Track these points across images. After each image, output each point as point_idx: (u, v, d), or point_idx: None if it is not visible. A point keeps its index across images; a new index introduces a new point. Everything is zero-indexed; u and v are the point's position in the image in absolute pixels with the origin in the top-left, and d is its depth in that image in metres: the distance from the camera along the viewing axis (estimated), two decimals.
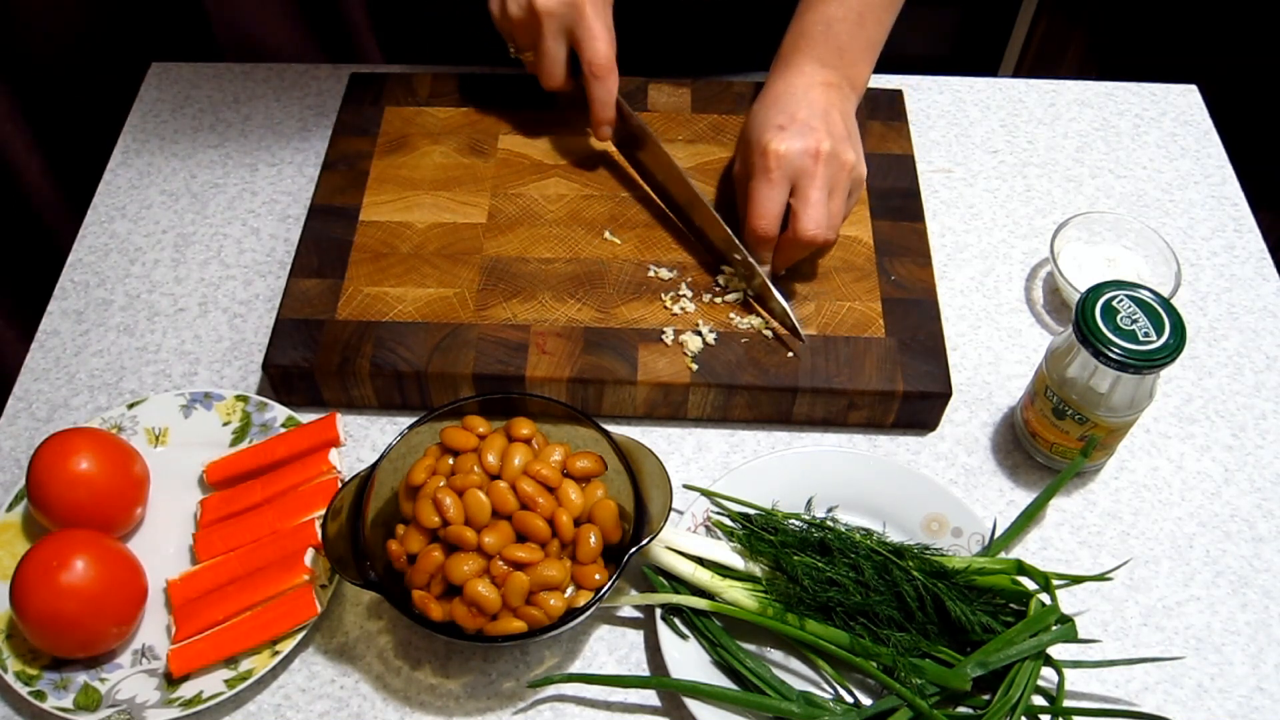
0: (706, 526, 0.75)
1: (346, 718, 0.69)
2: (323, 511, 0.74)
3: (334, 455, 0.77)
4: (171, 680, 0.69)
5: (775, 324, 0.81)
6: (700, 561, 0.71)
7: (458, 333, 0.81)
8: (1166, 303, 0.71)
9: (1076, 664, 0.70)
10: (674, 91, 0.97)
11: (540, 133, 0.94)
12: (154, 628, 0.72)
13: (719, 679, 0.69)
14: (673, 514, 0.74)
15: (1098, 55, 1.91)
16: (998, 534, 0.74)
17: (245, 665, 0.69)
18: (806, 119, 0.78)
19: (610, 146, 0.92)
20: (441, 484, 0.67)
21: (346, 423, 0.82)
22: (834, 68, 0.82)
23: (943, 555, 0.71)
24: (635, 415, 0.82)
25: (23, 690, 0.67)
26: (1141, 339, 0.69)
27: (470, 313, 0.82)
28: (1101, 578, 0.72)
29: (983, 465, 0.81)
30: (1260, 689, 0.71)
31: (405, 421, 0.80)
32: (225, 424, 0.80)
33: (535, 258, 0.85)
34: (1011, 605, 0.71)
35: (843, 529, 0.72)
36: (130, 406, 0.80)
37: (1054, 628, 0.68)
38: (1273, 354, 0.87)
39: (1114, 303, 0.71)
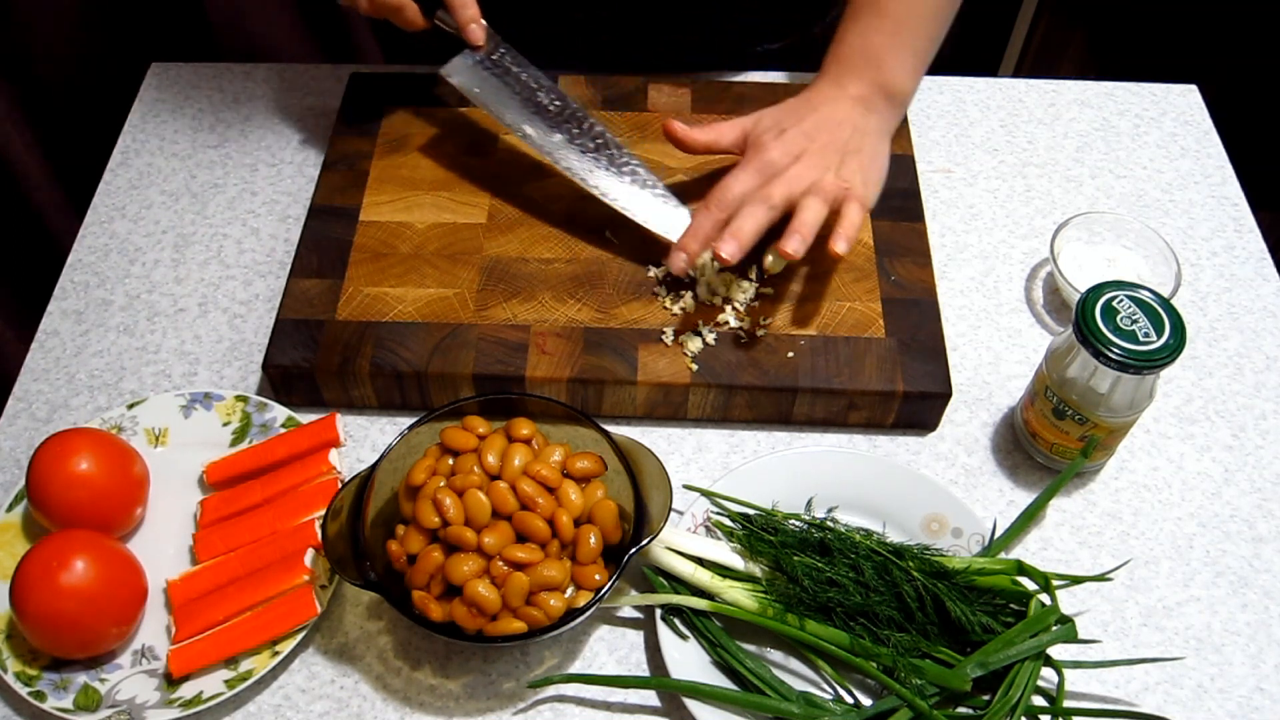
0: (706, 527, 0.75)
1: (346, 718, 0.69)
2: (323, 512, 0.74)
3: (334, 455, 0.77)
4: (171, 680, 0.69)
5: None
6: (700, 562, 0.71)
7: (458, 333, 0.81)
8: (1166, 303, 0.71)
9: (1076, 664, 0.70)
10: (674, 91, 0.97)
11: None
12: (154, 628, 0.72)
13: (719, 679, 0.69)
14: (673, 514, 0.74)
15: (1098, 55, 1.91)
16: (998, 534, 0.74)
17: (245, 665, 0.69)
18: (810, 130, 0.79)
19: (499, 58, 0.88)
20: (441, 484, 0.67)
21: (346, 423, 0.82)
22: (870, 80, 0.82)
23: (943, 555, 0.71)
24: (635, 415, 0.82)
25: (23, 690, 0.67)
26: (1141, 339, 0.69)
27: (470, 313, 0.82)
28: (1101, 578, 0.72)
29: (983, 465, 0.81)
30: (1260, 689, 0.71)
31: (405, 421, 0.80)
32: (225, 424, 0.80)
33: (535, 258, 0.85)
34: (1011, 605, 0.71)
35: (843, 529, 0.72)
36: (130, 407, 0.80)
37: (1054, 628, 0.69)
38: (1273, 354, 0.87)
39: (1114, 303, 0.71)
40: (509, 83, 0.86)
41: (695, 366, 0.79)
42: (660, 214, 0.84)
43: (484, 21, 0.85)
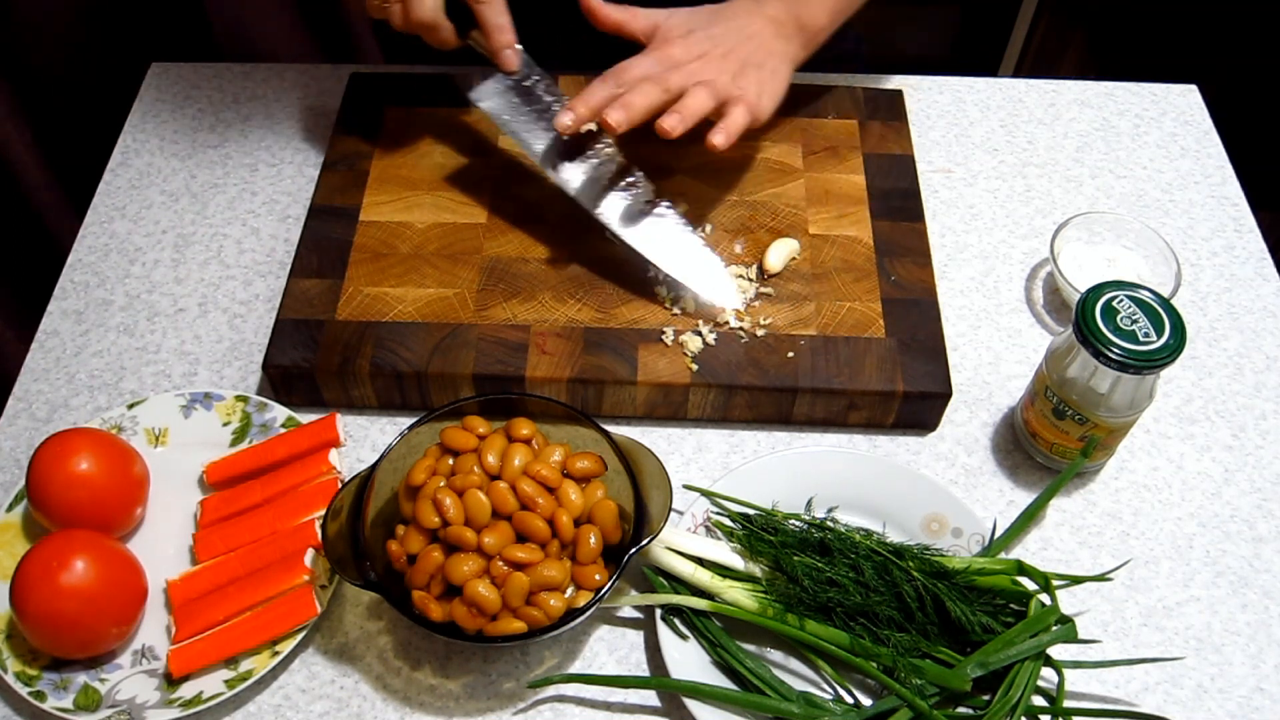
0: (706, 527, 0.75)
1: (346, 718, 0.69)
2: (323, 512, 0.74)
3: (334, 455, 0.77)
4: (171, 680, 0.69)
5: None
6: (700, 562, 0.71)
7: (458, 333, 0.81)
8: (1166, 303, 0.71)
9: (1076, 664, 0.70)
10: None
11: None
12: (154, 628, 0.72)
13: (719, 679, 0.69)
14: (673, 514, 0.74)
15: (1098, 55, 1.91)
16: (998, 534, 0.74)
17: (245, 665, 0.69)
18: (718, 35, 0.80)
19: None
20: (441, 484, 0.67)
21: (346, 423, 0.82)
22: (787, 7, 0.83)
23: (943, 555, 0.71)
24: (635, 415, 0.82)
25: (23, 690, 0.67)
26: (1141, 339, 0.69)
27: (470, 313, 0.82)
28: (1101, 578, 0.72)
29: (983, 465, 0.81)
30: (1260, 689, 0.71)
31: (405, 421, 0.80)
32: (225, 424, 0.80)
33: (535, 258, 0.85)
34: (1011, 605, 0.71)
35: (843, 529, 0.72)
36: (130, 407, 0.80)
37: (1054, 628, 0.69)
38: (1273, 354, 0.87)
39: (1114, 303, 0.71)
40: (540, 112, 0.85)
41: (695, 366, 0.79)
42: (689, 265, 0.82)
43: (519, 47, 0.83)
